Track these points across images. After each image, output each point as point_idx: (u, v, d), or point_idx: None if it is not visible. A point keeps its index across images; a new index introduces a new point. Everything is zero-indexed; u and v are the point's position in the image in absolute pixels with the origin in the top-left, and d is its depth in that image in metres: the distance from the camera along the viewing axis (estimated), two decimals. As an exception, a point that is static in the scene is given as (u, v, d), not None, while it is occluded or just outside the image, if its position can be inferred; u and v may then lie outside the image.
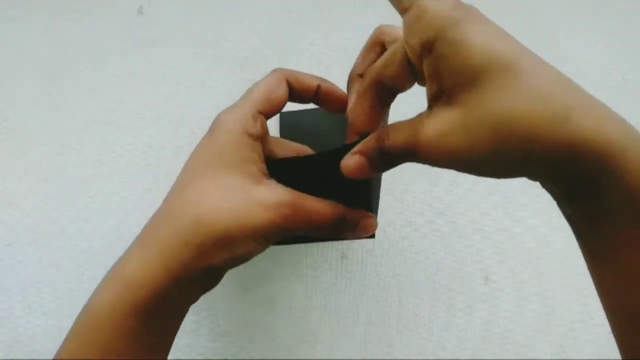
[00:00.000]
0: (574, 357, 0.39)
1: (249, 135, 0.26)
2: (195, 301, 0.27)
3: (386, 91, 0.25)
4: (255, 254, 0.26)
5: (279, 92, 0.28)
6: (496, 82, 0.19)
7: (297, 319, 0.40)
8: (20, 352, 0.39)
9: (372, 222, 0.29)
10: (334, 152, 0.25)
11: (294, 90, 0.29)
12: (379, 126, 0.26)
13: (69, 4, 0.46)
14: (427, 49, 0.21)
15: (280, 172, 0.27)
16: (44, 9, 0.46)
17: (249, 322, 0.39)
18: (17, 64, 0.44)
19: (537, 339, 0.39)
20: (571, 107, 0.19)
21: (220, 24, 0.45)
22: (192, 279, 0.25)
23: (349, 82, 0.30)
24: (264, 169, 0.27)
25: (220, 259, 0.25)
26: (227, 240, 0.24)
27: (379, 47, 0.28)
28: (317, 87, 0.29)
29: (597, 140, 0.18)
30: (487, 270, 0.40)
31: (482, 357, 0.39)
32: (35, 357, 0.39)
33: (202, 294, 0.27)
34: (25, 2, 0.46)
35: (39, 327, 0.39)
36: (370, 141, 0.24)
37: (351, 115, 0.27)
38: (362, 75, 0.29)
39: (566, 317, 0.39)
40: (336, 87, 0.30)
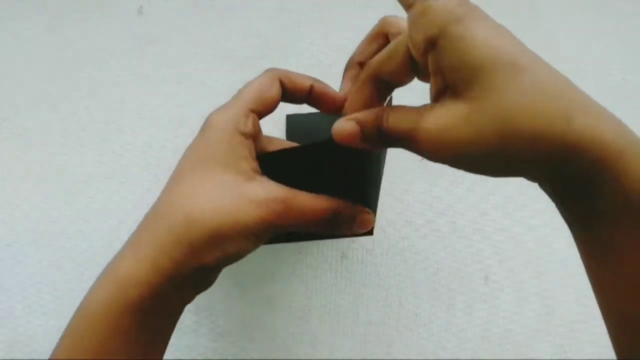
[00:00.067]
0: (574, 357, 0.39)
1: (241, 133, 0.26)
2: (190, 301, 0.27)
3: (384, 85, 0.25)
4: (247, 251, 0.26)
5: (272, 91, 0.28)
6: (500, 78, 0.19)
7: (297, 319, 0.39)
8: (20, 352, 0.39)
9: (369, 218, 0.28)
10: (325, 142, 0.25)
11: (287, 89, 0.29)
12: None
13: (69, 4, 0.46)
14: (431, 44, 0.21)
15: (272, 167, 0.27)
16: (44, 9, 0.46)
17: (249, 322, 0.39)
18: (17, 64, 0.44)
19: (537, 339, 0.39)
20: (572, 107, 0.19)
21: (220, 24, 0.45)
22: (185, 277, 0.25)
23: (346, 68, 0.29)
24: (256, 166, 0.27)
25: (212, 257, 0.25)
26: (219, 238, 0.24)
27: (382, 38, 0.28)
28: (310, 88, 0.29)
29: (594, 141, 0.18)
30: (487, 270, 0.40)
31: (482, 357, 0.39)
32: (35, 357, 0.39)
33: (197, 293, 0.27)
34: (25, 2, 0.46)
35: (39, 327, 0.39)
36: (369, 115, 0.24)
37: (348, 106, 0.26)
38: (361, 64, 0.29)
39: (566, 317, 0.39)
40: (329, 87, 0.30)
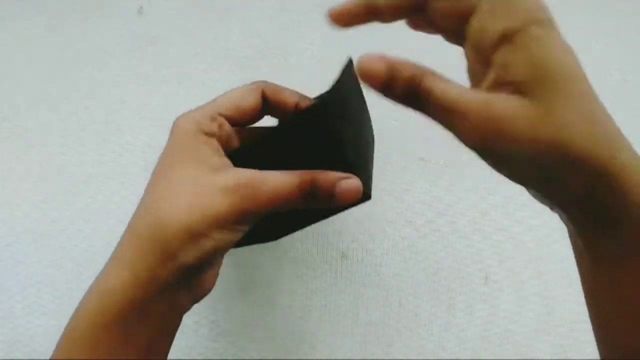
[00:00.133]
0: (574, 357, 0.39)
1: (204, 133, 0.26)
2: (187, 309, 0.27)
3: (378, 14, 0.24)
4: (227, 244, 0.25)
5: (248, 100, 0.28)
6: (569, 89, 0.20)
7: (297, 319, 0.39)
8: (20, 352, 0.39)
9: (352, 182, 0.26)
10: (289, 121, 0.24)
11: (270, 102, 0.28)
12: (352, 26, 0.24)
13: (69, 4, 0.46)
14: (507, 38, 0.20)
15: (245, 161, 0.26)
16: (44, 9, 0.46)
17: (249, 322, 0.39)
18: (17, 64, 0.44)
19: (537, 339, 0.39)
20: (617, 138, 0.20)
21: (220, 24, 0.45)
22: (168, 282, 0.24)
23: None
24: (227, 162, 0.27)
25: (190, 256, 0.24)
26: (192, 235, 0.24)
27: None
28: (296, 104, 0.29)
29: (633, 175, 0.19)
30: (487, 270, 0.40)
31: (482, 357, 0.39)
32: (35, 357, 0.39)
33: (194, 301, 0.27)
34: (25, 2, 0.46)
35: (39, 327, 0.39)
36: (407, 67, 0.21)
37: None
38: None
39: (566, 317, 0.39)
40: None
